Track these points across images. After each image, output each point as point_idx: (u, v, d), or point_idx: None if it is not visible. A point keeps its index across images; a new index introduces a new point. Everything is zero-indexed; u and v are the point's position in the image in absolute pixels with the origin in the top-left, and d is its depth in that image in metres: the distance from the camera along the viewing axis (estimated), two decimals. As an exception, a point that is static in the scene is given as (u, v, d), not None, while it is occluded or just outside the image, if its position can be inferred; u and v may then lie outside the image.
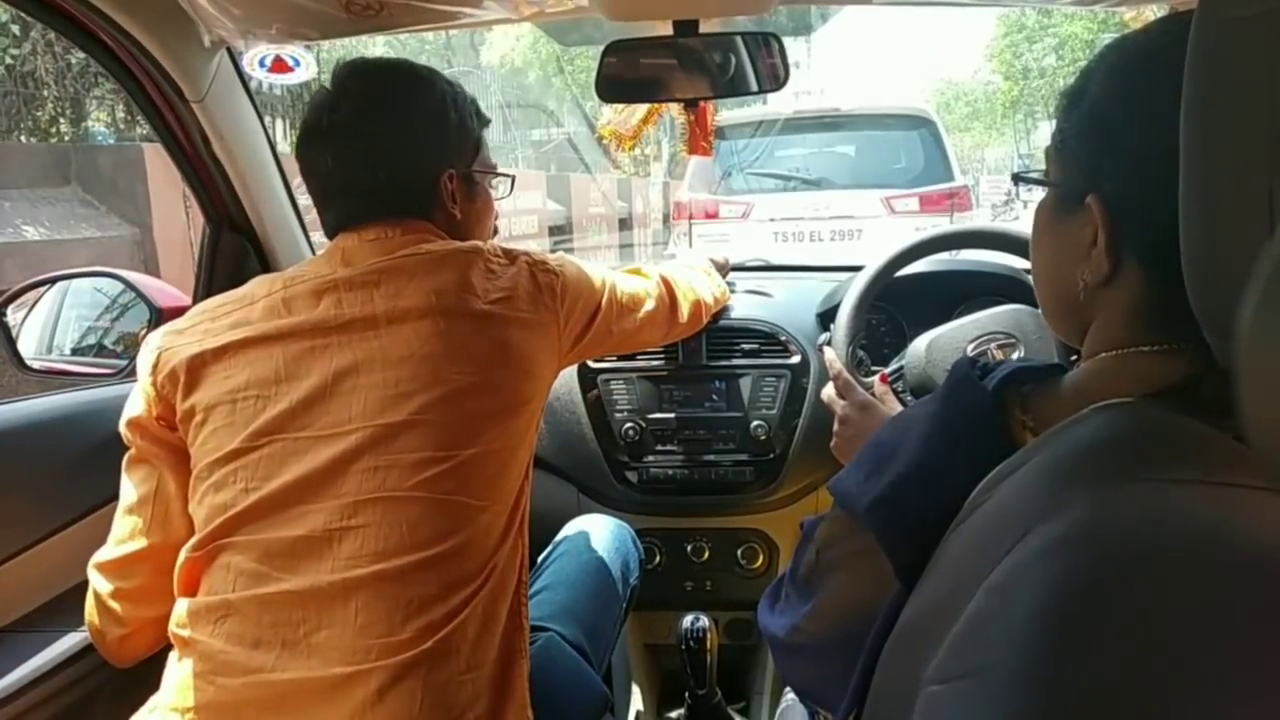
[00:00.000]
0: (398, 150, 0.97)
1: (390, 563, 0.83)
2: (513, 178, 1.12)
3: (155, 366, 0.92)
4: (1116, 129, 0.54)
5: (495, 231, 1.13)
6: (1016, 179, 0.68)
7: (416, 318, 0.89)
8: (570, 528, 1.34)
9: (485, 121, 1.07)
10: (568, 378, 1.54)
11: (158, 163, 5.07)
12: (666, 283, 1.30)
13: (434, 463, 0.86)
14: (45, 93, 5.57)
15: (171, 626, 0.86)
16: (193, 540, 0.87)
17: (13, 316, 1.39)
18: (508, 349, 0.93)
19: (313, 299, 0.91)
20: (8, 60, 5.13)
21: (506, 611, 0.90)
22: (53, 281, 1.46)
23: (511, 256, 0.99)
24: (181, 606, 0.86)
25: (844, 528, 0.62)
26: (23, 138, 5.65)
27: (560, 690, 1.01)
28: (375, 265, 0.92)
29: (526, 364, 0.95)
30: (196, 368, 0.90)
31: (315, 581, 0.82)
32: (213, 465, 0.87)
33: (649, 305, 1.22)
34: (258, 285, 0.96)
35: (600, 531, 1.31)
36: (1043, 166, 0.63)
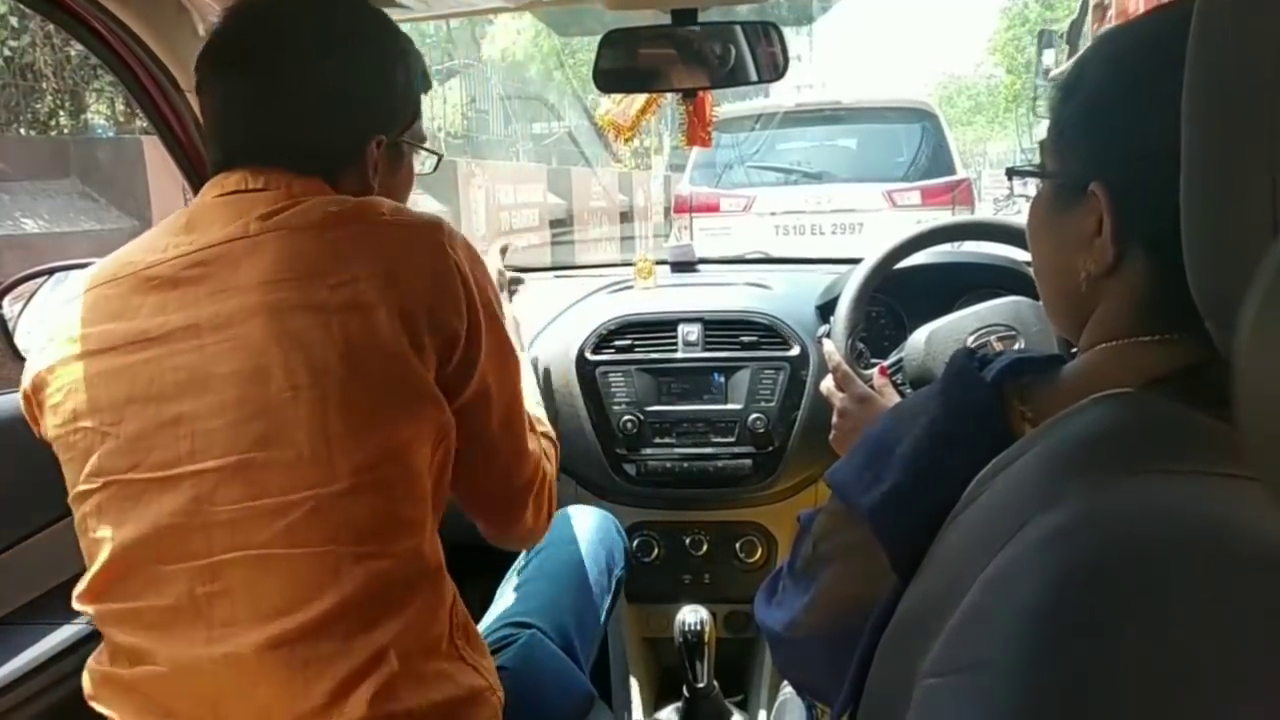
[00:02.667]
0: (335, 97, 0.80)
1: (271, 628, 0.70)
2: (440, 156, 0.97)
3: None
4: (1118, 116, 0.53)
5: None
6: (1011, 174, 0.67)
7: (242, 320, 0.70)
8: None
9: (428, 86, 0.91)
10: (565, 370, 1.53)
11: (157, 156, 5.05)
12: (546, 480, 0.95)
13: (293, 507, 0.69)
14: (44, 85, 5.55)
15: (88, 686, 0.78)
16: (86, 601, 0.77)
17: (10, 308, 1.37)
18: (361, 341, 0.72)
19: (134, 297, 0.73)
20: (6, 52, 5.11)
21: (442, 651, 0.77)
22: (50, 273, 1.45)
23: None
24: (97, 661, 0.78)
25: (841, 520, 0.62)
26: (22, 130, 5.63)
27: (543, 688, 0.99)
28: (202, 252, 0.73)
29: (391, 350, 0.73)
30: (39, 388, 0.76)
31: (196, 658, 0.71)
32: (72, 503, 0.76)
33: (531, 470, 0.91)
34: (101, 267, 0.78)
35: (584, 523, 1.29)
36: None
